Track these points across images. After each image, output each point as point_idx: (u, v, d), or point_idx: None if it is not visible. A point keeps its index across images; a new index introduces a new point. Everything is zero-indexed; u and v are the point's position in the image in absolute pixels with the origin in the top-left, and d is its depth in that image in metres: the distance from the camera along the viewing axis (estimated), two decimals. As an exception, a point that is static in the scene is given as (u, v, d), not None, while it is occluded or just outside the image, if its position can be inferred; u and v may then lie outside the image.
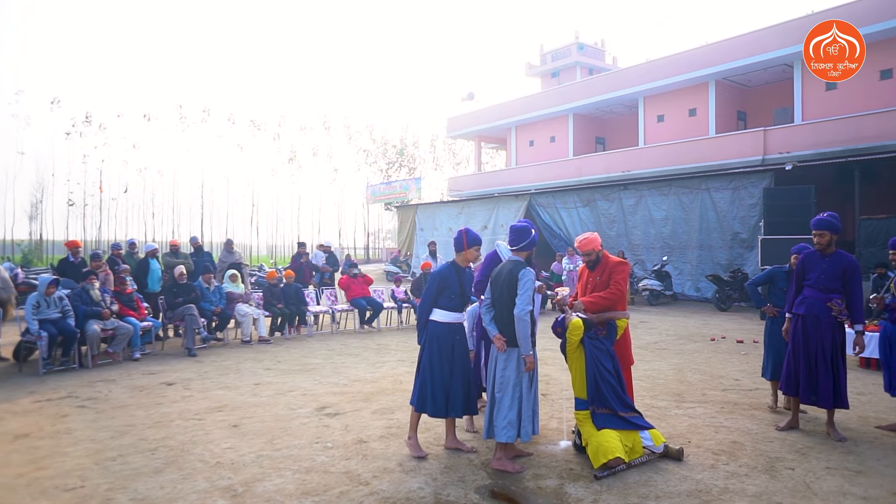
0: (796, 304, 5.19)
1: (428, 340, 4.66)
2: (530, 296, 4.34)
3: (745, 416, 5.63)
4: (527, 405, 4.38)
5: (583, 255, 5.03)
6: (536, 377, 4.55)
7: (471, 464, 4.43)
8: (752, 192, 15.96)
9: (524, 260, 4.56)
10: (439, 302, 4.69)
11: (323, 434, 5.13)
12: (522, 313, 4.28)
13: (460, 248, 4.78)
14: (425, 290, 4.75)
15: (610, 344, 4.73)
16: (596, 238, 4.97)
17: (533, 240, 4.57)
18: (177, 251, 10.73)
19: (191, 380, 7.25)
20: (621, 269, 4.84)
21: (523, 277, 4.35)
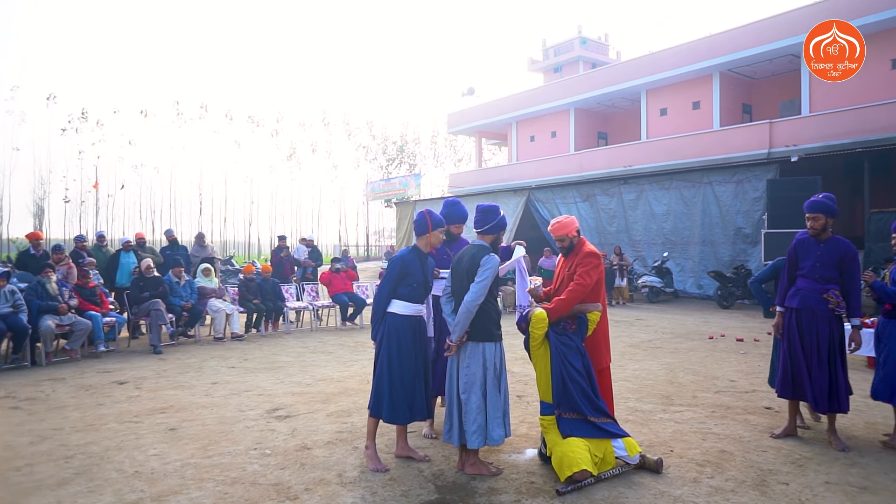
0: (789, 297, 4.64)
1: (386, 335, 4.16)
2: (488, 285, 3.84)
3: (737, 421, 5.08)
4: (494, 406, 3.88)
5: (556, 241, 4.51)
6: (504, 374, 4.04)
7: (420, 475, 3.92)
8: (756, 186, 15.35)
9: (489, 244, 4.07)
10: (399, 291, 4.19)
11: (265, 439, 4.63)
12: (472, 303, 3.79)
13: (423, 230, 4.27)
14: (384, 277, 4.25)
15: (580, 340, 4.20)
16: (570, 222, 4.43)
17: (500, 222, 4.09)
18: (143, 244, 10.26)
19: (145, 379, 6.77)
20: (588, 261, 4.24)
21: (485, 264, 3.86)
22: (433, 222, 4.23)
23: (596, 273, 4.23)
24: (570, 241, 4.42)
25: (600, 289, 4.35)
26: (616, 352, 8.35)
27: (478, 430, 3.81)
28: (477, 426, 3.81)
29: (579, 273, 4.21)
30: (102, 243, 10.01)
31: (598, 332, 4.32)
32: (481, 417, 3.83)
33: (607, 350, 4.44)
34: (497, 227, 4.07)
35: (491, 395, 3.87)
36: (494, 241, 4.10)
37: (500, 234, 4.13)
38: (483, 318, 3.88)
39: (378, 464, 4.04)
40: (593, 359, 4.27)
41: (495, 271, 3.88)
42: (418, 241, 4.30)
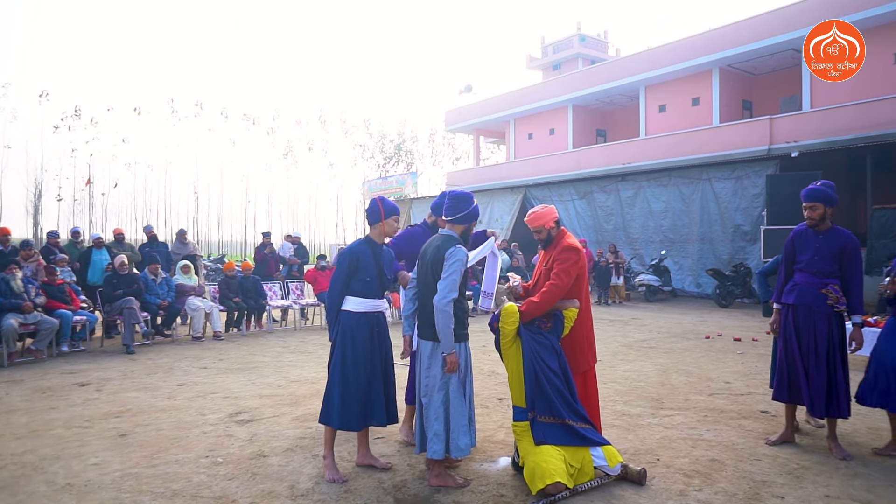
0: (786, 292, 4.29)
1: (340, 336, 3.80)
2: (456, 280, 3.50)
3: (731, 426, 4.73)
4: (459, 412, 3.53)
5: (533, 232, 4.16)
6: (469, 378, 3.70)
7: (380, 486, 3.57)
8: (756, 182, 15.00)
9: (459, 235, 3.73)
10: (352, 287, 3.85)
11: (220, 446, 4.29)
12: (443, 302, 3.45)
13: (376, 218, 3.94)
14: (334, 273, 3.90)
15: (556, 339, 3.85)
16: (547, 212, 4.07)
17: (473, 212, 3.75)
18: (122, 240, 9.92)
19: (109, 380, 6.43)
20: (566, 256, 3.87)
21: (451, 257, 3.52)
22: (386, 210, 3.92)
23: (575, 270, 3.87)
24: (548, 232, 4.07)
25: (581, 285, 3.99)
26: (608, 352, 8.01)
27: (435, 438, 3.48)
28: (433, 433, 3.49)
29: (555, 271, 3.86)
30: (77, 239, 9.68)
31: (579, 332, 3.97)
32: (439, 424, 3.49)
33: (591, 351, 4.08)
34: (469, 216, 3.73)
35: (454, 401, 3.53)
36: (465, 233, 3.77)
37: (472, 224, 3.80)
38: None
39: (335, 473, 3.70)
40: (574, 361, 3.93)
41: (463, 265, 3.55)
42: (371, 231, 3.98)
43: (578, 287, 3.96)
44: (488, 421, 4.87)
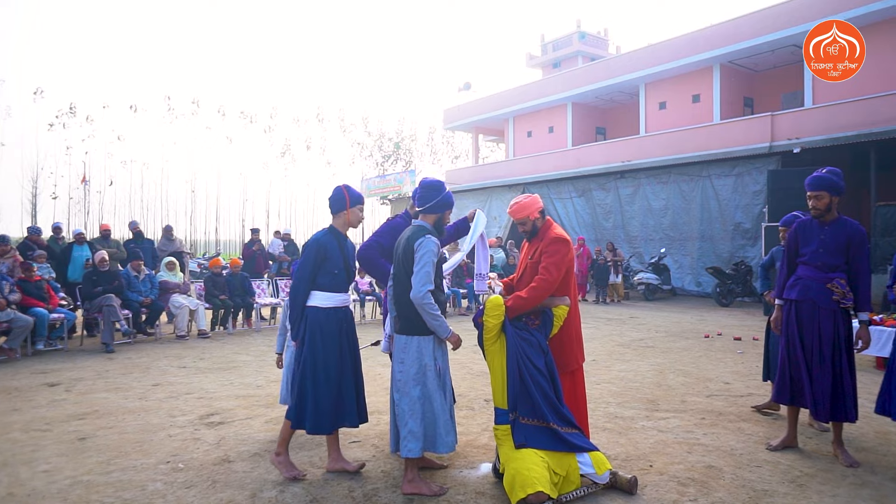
0: (788, 287, 4.01)
1: (308, 333, 3.55)
2: (429, 272, 3.25)
3: (729, 430, 4.45)
4: (440, 408, 3.30)
5: (517, 224, 3.89)
6: (447, 372, 3.45)
7: (349, 496, 3.30)
8: (757, 179, 14.74)
9: (431, 226, 3.48)
10: (318, 281, 3.61)
11: (184, 450, 4.02)
12: (420, 296, 3.22)
13: (340, 206, 3.70)
14: (299, 265, 3.64)
15: (543, 337, 3.58)
16: (531, 202, 3.79)
17: (445, 200, 3.52)
18: (108, 236, 9.63)
19: (81, 380, 6.17)
20: (555, 249, 3.59)
21: (420, 248, 3.28)
22: (351, 198, 3.70)
23: (564, 264, 3.60)
24: (533, 223, 3.79)
25: (570, 280, 3.72)
26: (603, 351, 7.74)
27: (410, 436, 3.25)
28: (408, 431, 3.26)
29: (544, 265, 3.59)
30: (59, 235, 9.40)
31: (566, 330, 3.70)
32: (415, 421, 3.26)
33: (580, 349, 3.81)
34: (440, 205, 3.50)
35: (435, 396, 3.30)
36: (437, 222, 3.53)
37: (445, 214, 3.56)
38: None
39: (292, 469, 3.53)
40: (561, 360, 3.66)
41: (434, 256, 3.30)
42: (335, 221, 3.74)
43: (567, 281, 3.69)
44: (472, 424, 4.60)
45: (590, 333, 9.36)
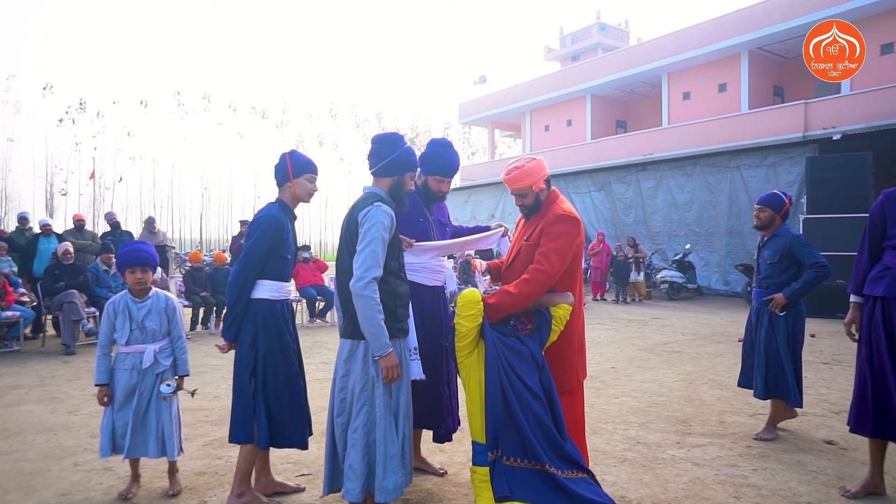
0: (871, 280, 3.01)
1: (262, 331, 2.81)
2: (376, 252, 2.38)
3: (785, 464, 3.47)
4: (385, 438, 2.42)
5: (515, 197, 2.97)
6: (406, 391, 2.55)
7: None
8: (791, 169, 13.59)
9: (386, 193, 2.60)
10: (268, 268, 2.82)
11: (82, 487, 3.15)
12: (360, 285, 2.35)
13: (283, 177, 2.92)
14: (249, 248, 2.81)
15: (538, 346, 2.65)
16: (536, 168, 2.87)
17: (402, 157, 2.63)
18: (81, 227, 8.85)
19: (15, 389, 5.35)
20: (559, 230, 2.70)
21: (367, 220, 2.43)
22: (295, 166, 2.88)
23: (570, 250, 2.68)
24: (536, 196, 2.87)
25: (576, 271, 2.78)
26: (623, 357, 6.77)
27: (351, 472, 2.41)
28: (348, 465, 2.41)
29: (543, 251, 2.68)
30: (25, 226, 8.65)
31: (566, 338, 2.77)
32: (356, 454, 2.41)
33: (581, 364, 2.87)
34: (397, 164, 2.62)
35: (382, 423, 2.42)
36: (395, 189, 2.64)
37: (405, 176, 2.66)
38: None
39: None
40: (561, 376, 2.73)
41: (385, 230, 2.43)
42: (281, 195, 2.95)
43: (572, 273, 2.76)
44: (455, 452, 3.68)
45: (609, 336, 8.38)
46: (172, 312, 3.15)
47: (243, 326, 2.82)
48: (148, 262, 3.04)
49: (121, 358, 3.03)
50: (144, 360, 3.00)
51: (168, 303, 3.13)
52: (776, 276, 4.01)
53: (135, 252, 3.02)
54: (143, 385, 3.02)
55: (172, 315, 3.15)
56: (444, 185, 3.15)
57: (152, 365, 3.03)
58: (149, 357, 3.01)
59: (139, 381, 3.01)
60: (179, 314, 3.21)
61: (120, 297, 3.06)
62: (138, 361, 3.01)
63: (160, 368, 3.06)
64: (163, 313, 3.10)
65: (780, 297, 3.90)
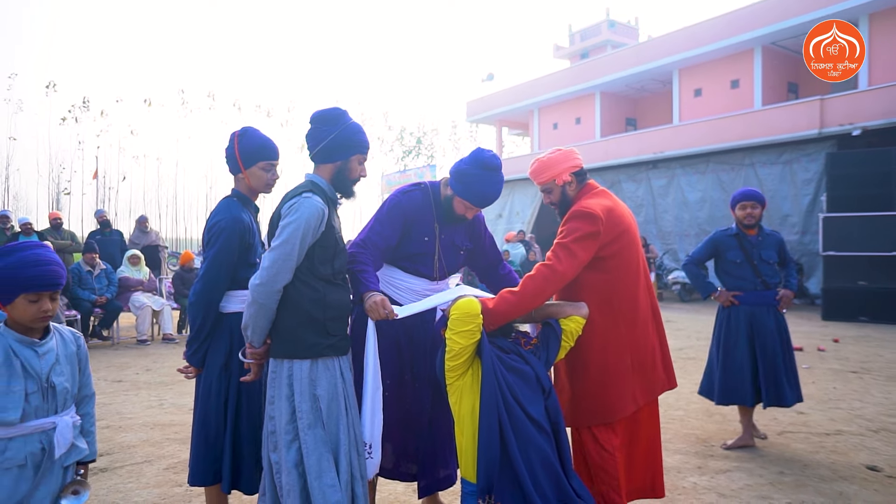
0: None
1: (233, 351, 2.37)
2: (290, 254, 1.99)
3: (825, 495, 3.02)
4: (321, 483, 1.96)
5: (542, 193, 2.58)
6: (347, 419, 2.10)
7: None
8: (808, 167, 13.14)
9: (328, 181, 2.20)
10: (238, 277, 2.40)
11: None
12: (262, 290, 1.99)
13: (234, 168, 2.51)
14: (210, 258, 2.37)
15: (544, 366, 2.22)
16: (560, 159, 2.49)
17: (345, 138, 2.18)
18: (59, 227, 8.49)
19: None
20: (570, 227, 2.29)
21: (289, 214, 2.03)
22: (244, 153, 2.46)
23: (583, 249, 2.25)
24: (561, 191, 2.46)
25: (609, 277, 2.34)
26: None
27: None
28: None
29: (552, 248, 2.27)
30: (6, 224, 8.30)
31: (614, 358, 2.31)
32: (292, 499, 1.97)
33: (640, 382, 2.38)
34: (337, 147, 2.17)
35: (313, 462, 1.98)
36: (337, 176, 2.20)
37: (351, 160, 2.21)
38: (291, 316, 2.05)
39: None
40: (609, 404, 2.28)
41: (308, 227, 2.01)
42: (237, 185, 2.54)
43: (602, 281, 2.32)
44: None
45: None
46: (85, 358, 1.92)
47: (212, 347, 2.39)
48: (62, 283, 1.81)
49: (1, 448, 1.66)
50: (57, 445, 1.72)
51: (79, 342, 1.92)
52: (776, 276, 3.92)
53: (44, 265, 1.73)
54: (39, 494, 1.71)
55: (85, 363, 1.92)
56: (469, 213, 2.56)
57: (65, 453, 1.76)
58: (64, 438, 1.74)
59: (31, 489, 1.70)
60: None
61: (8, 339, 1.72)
62: (38, 450, 1.71)
63: (75, 457, 1.81)
64: (74, 361, 1.86)
65: (791, 294, 3.89)
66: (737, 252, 3.91)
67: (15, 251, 1.73)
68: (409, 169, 38.50)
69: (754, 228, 3.91)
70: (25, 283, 1.68)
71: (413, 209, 2.51)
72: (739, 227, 3.94)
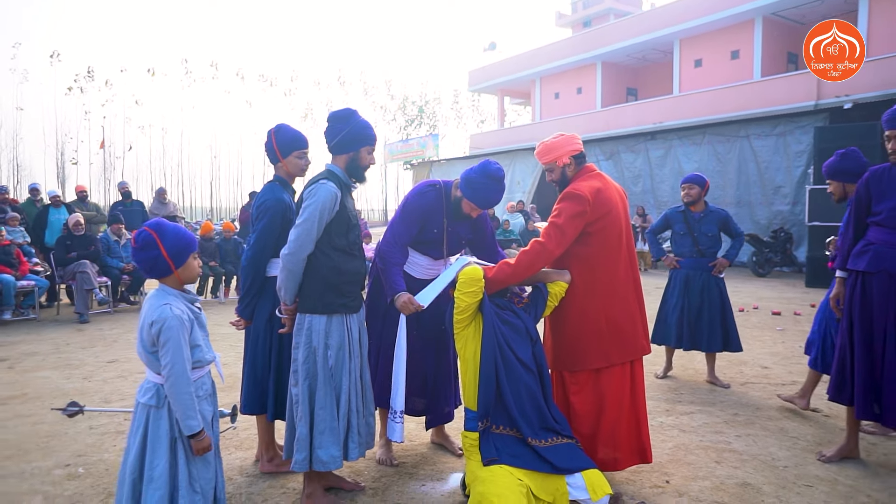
0: (855, 255, 3.07)
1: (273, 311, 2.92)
2: (309, 230, 2.52)
3: (769, 431, 3.59)
4: (325, 412, 2.55)
5: (546, 171, 3.07)
6: (349, 367, 2.64)
7: (267, 521, 2.56)
8: (800, 139, 13.45)
9: (343, 170, 2.71)
10: (280, 247, 2.83)
11: (97, 449, 3.33)
12: (289, 257, 2.54)
13: (273, 158, 3.04)
14: (259, 231, 2.90)
15: (532, 320, 2.77)
16: (562, 143, 2.92)
17: (355, 133, 2.68)
18: (84, 199, 9.00)
19: (33, 355, 5.56)
20: (559, 207, 2.76)
21: (308, 197, 2.55)
22: (281, 144, 2.97)
23: (572, 226, 2.71)
24: (562, 171, 2.94)
25: (592, 251, 2.79)
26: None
27: (298, 444, 2.54)
28: (298, 437, 2.55)
29: (545, 227, 2.78)
30: (36, 197, 8.81)
31: (592, 318, 2.79)
32: (304, 426, 2.54)
33: (614, 342, 2.81)
34: (350, 141, 2.69)
35: (320, 394, 2.55)
36: (351, 164, 2.72)
37: (361, 151, 2.72)
38: (312, 280, 2.58)
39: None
40: (580, 354, 2.80)
41: (325, 209, 2.53)
42: (278, 171, 3.07)
43: (586, 253, 2.79)
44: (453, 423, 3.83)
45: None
46: None
47: (259, 304, 2.94)
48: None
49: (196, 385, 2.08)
50: (220, 373, 2.30)
51: None
52: (714, 246, 4.66)
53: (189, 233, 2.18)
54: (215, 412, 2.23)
55: None
56: (474, 213, 3.04)
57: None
58: (220, 368, 2.29)
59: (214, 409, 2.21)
60: None
61: (176, 299, 2.10)
62: (210, 380, 2.20)
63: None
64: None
65: (725, 262, 4.65)
66: (681, 225, 4.70)
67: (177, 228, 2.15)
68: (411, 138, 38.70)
69: (696, 206, 4.66)
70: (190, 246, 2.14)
71: (427, 208, 3.00)
72: (685, 205, 4.68)
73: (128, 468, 2.02)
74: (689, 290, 4.65)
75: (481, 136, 34.29)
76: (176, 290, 2.13)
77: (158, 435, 2.00)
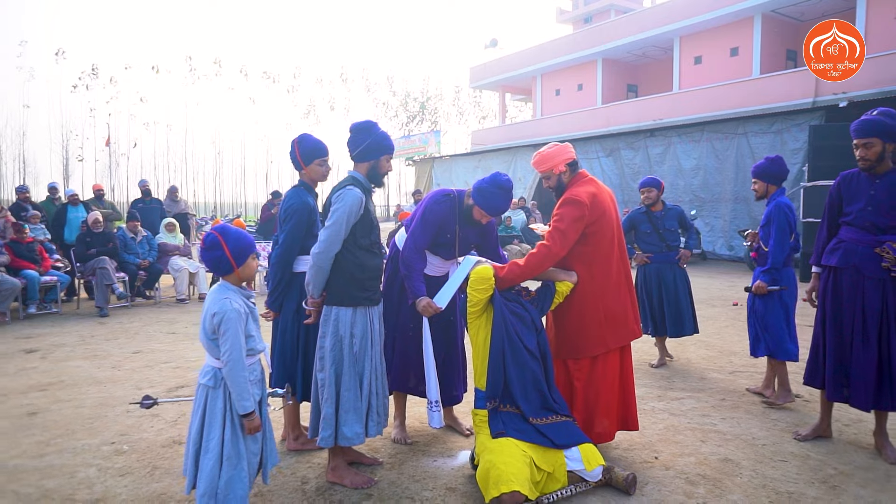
0: (828, 252, 3.38)
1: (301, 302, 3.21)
2: (338, 232, 2.82)
3: (752, 414, 3.90)
4: (350, 393, 2.86)
5: (542, 179, 3.36)
6: (370, 352, 2.94)
7: (300, 488, 2.87)
8: (797, 136, 13.72)
9: (364, 176, 3.01)
10: (305, 246, 3.18)
11: (137, 428, 3.65)
12: (319, 255, 2.83)
13: (297, 166, 3.34)
14: (287, 232, 3.21)
15: (538, 313, 3.08)
16: (558, 152, 3.21)
17: (376, 143, 2.98)
18: (101, 197, 9.31)
19: (61, 346, 5.88)
20: (563, 212, 3.04)
21: (337, 200, 2.84)
22: (304, 153, 3.27)
23: (573, 230, 3.02)
24: (558, 178, 3.24)
25: (589, 250, 3.10)
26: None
27: (324, 422, 2.85)
28: (323, 417, 2.86)
29: (549, 231, 3.08)
30: (55, 195, 9.12)
31: (591, 309, 3.11)
32: (329, 407, 2.84)
33: (611, 331, 3.12)
34: (371, 150, 2.99)
35: (345, 378, 2.86)
36: (372, 171, 3.02)
37: (381, 160, 3.03)
38: (339, 275, 2.87)
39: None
40: (581, 342, 3.11)
41: (352, 212, 2.83)
42: (302, 177, 3.37)
43: (584, 252, 3.09)
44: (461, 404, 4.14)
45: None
46: None
47: (287, 297, 3.24)
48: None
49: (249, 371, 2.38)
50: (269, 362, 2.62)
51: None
52: (676, 240, 5.14)
53: (248, 237, 2.48)
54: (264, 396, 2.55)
55: None
56: (484, 220, 3.33)
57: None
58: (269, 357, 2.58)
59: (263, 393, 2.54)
60: None
61: (235, 294, 2.37)
62: (260, 367, 2.51)
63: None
64: None
65: (689, 253, 5.13)
66: (647, 224, 5.14)
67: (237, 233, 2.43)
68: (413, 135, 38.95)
69: (655, 206, 5.14)
70: (249, 249, 2.42)
71: (442, 216, 3.28)
72: (646, 206, 5.14)
73: (191, 440, 2.33)
74: (663, 284, 5.08)
75: (483, 133, 34.54)
76: (235, 287, 2.41)
77: (214, 412, 2.31)
